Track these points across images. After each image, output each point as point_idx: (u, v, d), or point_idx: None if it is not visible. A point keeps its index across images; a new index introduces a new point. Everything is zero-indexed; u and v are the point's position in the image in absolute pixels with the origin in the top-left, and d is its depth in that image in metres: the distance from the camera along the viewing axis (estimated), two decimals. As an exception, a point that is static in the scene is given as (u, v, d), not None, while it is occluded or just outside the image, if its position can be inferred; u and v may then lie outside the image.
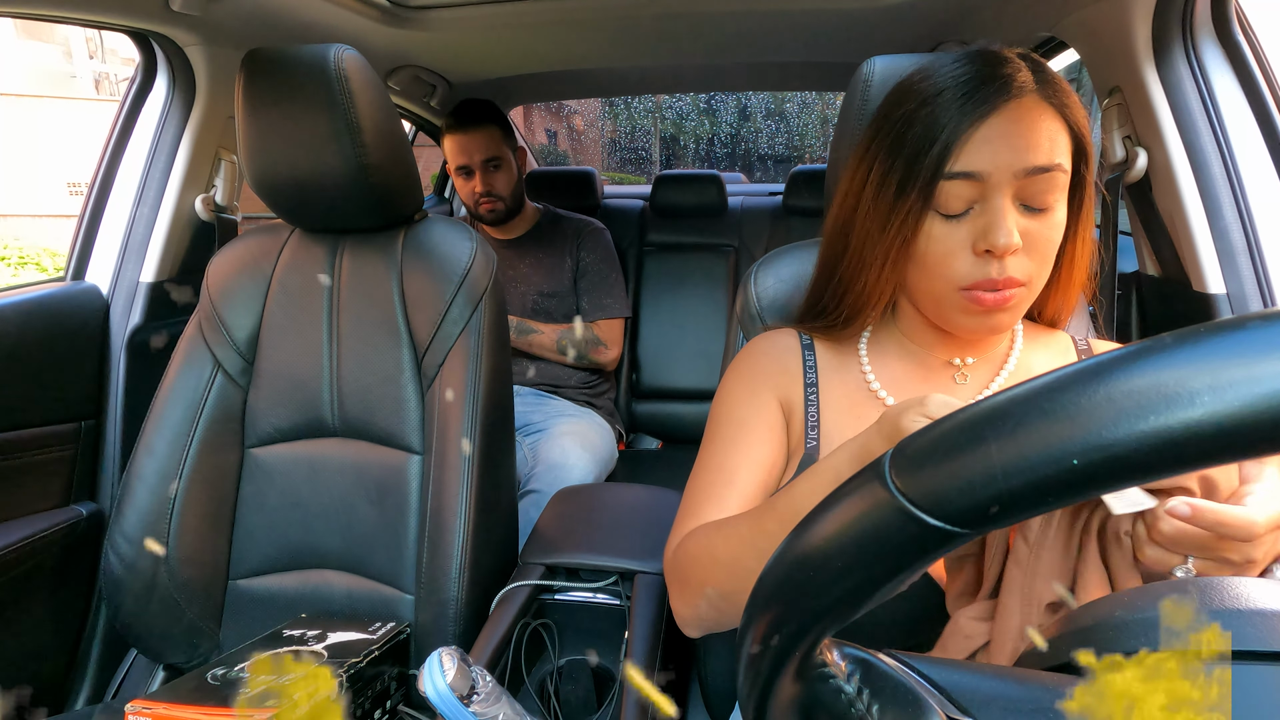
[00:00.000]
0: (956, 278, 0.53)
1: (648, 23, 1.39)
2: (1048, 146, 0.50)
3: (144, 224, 1.19)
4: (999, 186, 0.51)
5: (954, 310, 0.55)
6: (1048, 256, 0.53)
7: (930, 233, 0.53)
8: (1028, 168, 0.50)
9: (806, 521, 0.26)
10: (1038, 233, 0.52)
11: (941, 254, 0.53)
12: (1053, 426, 0.20)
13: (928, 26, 1.35)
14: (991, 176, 0.51)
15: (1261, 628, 0.25)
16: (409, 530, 0.89)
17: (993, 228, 0.51)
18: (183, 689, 0.68)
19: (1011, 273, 0.51)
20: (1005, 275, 0.51)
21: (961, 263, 0.53)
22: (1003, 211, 0.51)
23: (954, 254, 0.53)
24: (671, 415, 1.94)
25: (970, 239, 0.52)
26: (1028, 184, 0.51)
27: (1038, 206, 0.52)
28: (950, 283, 0.53)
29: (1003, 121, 0.50)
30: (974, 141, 0.51)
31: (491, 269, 0.94)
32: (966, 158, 0.51)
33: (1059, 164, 0.51)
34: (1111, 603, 0.29)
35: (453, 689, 0.56)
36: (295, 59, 0.83)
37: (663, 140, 11.43)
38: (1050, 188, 0.51)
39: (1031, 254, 0.52)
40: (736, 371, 0.66)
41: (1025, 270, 0.52)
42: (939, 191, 0.52)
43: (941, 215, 0.53)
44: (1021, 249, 0.52)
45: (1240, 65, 0.88)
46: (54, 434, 1.08)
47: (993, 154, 0.50)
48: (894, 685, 0.26)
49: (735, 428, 0.62)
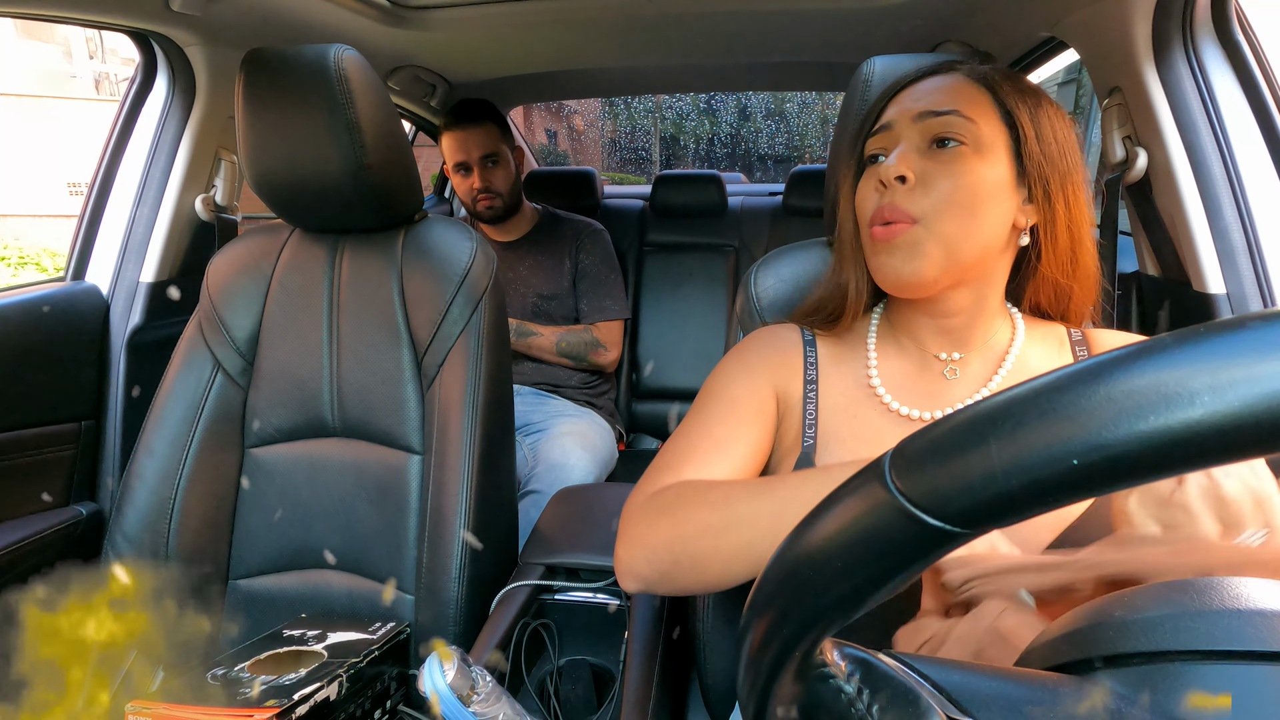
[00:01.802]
0: (865, 217, 0.59)
1: (648, 23, 1.39)
2: (950, 98, 0.56)
3: (144, 224, 1.19)
4: (902, 132, 0.57)
5: (869, 254, 0.59)
6: (949, 197, 0.54)
7: (859, 189, 0.60)
8: (923, 110, 0.56)
9: (807, 521, 0.26)
10: (936, 171, 0.55)
11: (861, 200, 0.60)
12: (1052, 427, 0.20)
13: (928, 26, 1.35)
14: (896, 124, 0.58)
15: (1261, 628, 0.25)
16: (409, 530, 0.89)
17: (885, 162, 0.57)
18: (183, 689, 0.68)
19: (897, 201, 0.55)
20: (892, 203, 0.55)
21: (870, 202, 0.58)
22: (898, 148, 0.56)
23: (867, 197, 0.58)
24: (671, 415, 1.94)
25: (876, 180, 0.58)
26: (927, 127, 0.56)
27: (942, 139, 0.55)
28: (865, 227, 0.59)
29: (919, 85, 0.59)
30: (893, 101, 0.59)
31: (491, 269, 0.94)
32: (885, 115, 0.59)
33: (958, 109, 0.55)
34: (1111, 603, 0.29)
35: (453, 689, 0.56)
36: (295, 59, 0.83)
37: (663, 140, 11.43)
38: (950, 126, 0.55)
39: (928, 190, 0.55)
40: (735, 354, 0.66)
41: (918, 206, 0.55)
42: (866, 147, 0.60)
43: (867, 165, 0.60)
44: (919, 186, 0.55)
45: (1240, 65, 0.88)
46: (54, 434, 1.08)
47: (899, 108, 0.58)
48: (894, 685, 0.26)
49: (727, 404, 0.61)
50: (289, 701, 0.64)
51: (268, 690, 0.67)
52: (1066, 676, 0.27)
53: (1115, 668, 0.26)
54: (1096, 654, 0.27)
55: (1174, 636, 0.26)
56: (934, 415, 0.59)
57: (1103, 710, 0.25)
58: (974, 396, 0.59)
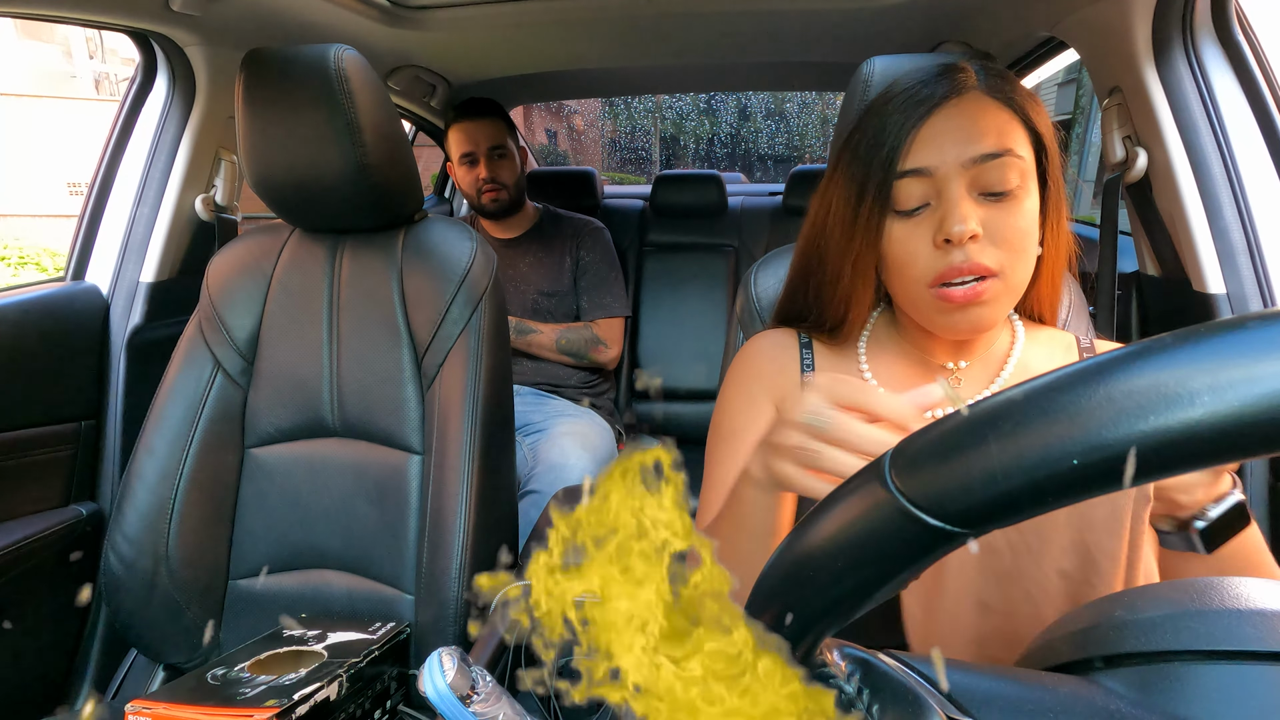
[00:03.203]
0: (923, 275, 0.53)
1: (648, 23, 1.39)
2: (995, 134, 0.52)
3: (144, 224, 1.19)
4: (949, 179, 0.52)
5: (930, 311, 0.55)
6: (1018, 245, 0.52)
7: (892, 235, 0.55)
8: (975, 156, 0.51)
9: (807, 521, 0.26)
10: (1002, 220, 0.52)
11: (905, 254, 0.54)
12: (1052, 427, 0.19)
13: (928, 26, 1.35)
14: (939, 170, 0.52)
15: (1261, 628, 0.25)
16: (409, 530, 0.89)
17: (947, 217, 0.51)
18: (183, 689, 0.68)
19: (976, 259, 0.51)
20: (969, 260, 0.51)
21: (924, 259, 0.53)
22: (955, 200, 0.51)
23: (916, 253, 0.53)
24: (671, 415, 1.94)
25: (930, 234, 0.53)
26: (980, 172, 0.51)
27: (997, 191, 0.52)
28: (918, 282, 0.54)
29: (945, 117, 0.52)
30: (920, 139, 0.53)
31: (491, 269, 0.94)
32: (914, 156, 0.53)
33: (1010, 149, 0.52)
34: (1111, 603, 0.29)
35: (453, 689, 0.56)
36: (295, 59, 0.83)
37: (663, 140, 11.42)
38: (1006, 173, 0.51)
39: (999, 243, 0.52)
40: (734, 377, 0.66)
41: (995, 259, 0.52)
42: (894, 192, 0.53)
43: (900, 215, 0.54)
44: (986, 238, 0.52)
45: (1240, 65, 0.88)
46: (54, 434, 1.08)
47: (938, 149, 0.52)
48: (894, 685, 0.26)
49: (733, 440, 0.63)
50: (289, 701, 0.64)
51: (268, 690, 0.67)
52: (1066, 676, 0.27)
53: (1115, 668, 0.26)
54: (1096, 654, 0.27)
55: (1174, 636, 0.26)
56: None
57: (1103, 710, 0.25)
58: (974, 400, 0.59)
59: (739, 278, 2.00)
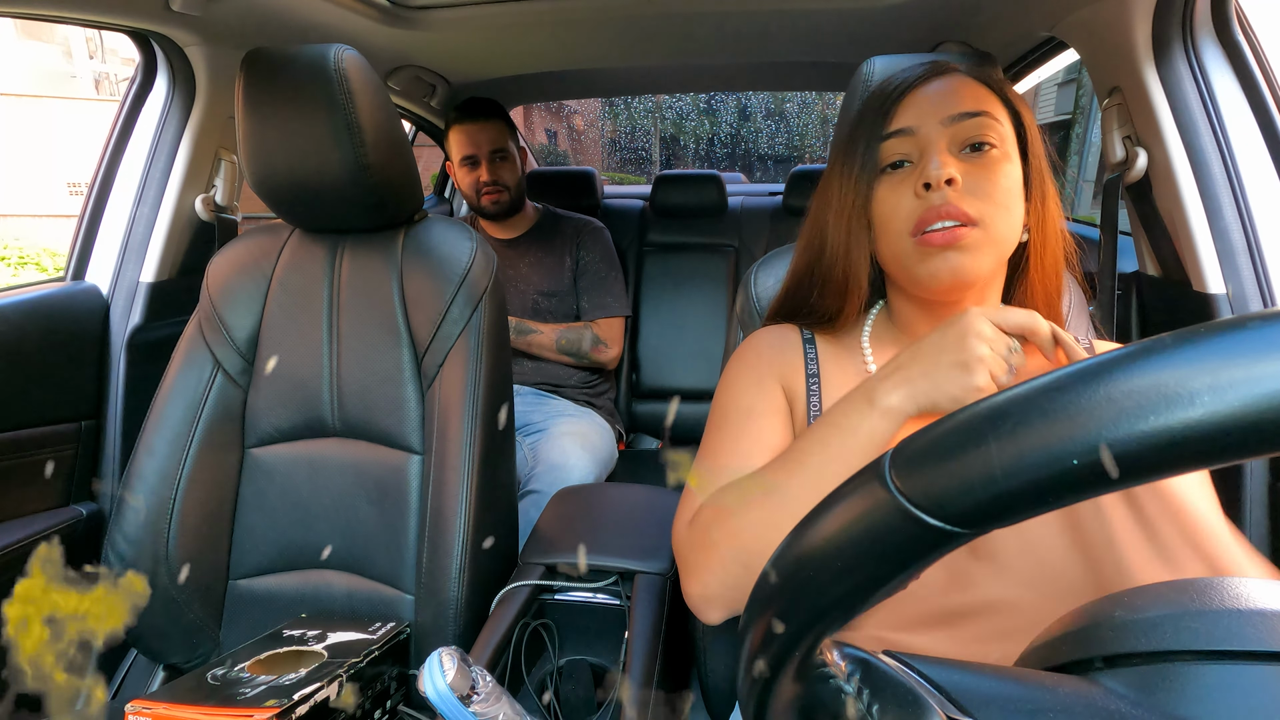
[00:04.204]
0: (904, 225, 0.56)
1: (648, 23, 1.39)
2: (973, 99, 0.56)
3: (144, 224, 1.19)
4: (930, 137, 0.56)
5: (914, 262, 0.56)
6: (999, 200, 0.55)
7: (880, 195, 0.58)
8: (953, 114, 0.55)
9: (807, 521, 0.26)
10: (981, 174, 0.55)
11: (889, 209, 0.57)
12: (1052, 426, 0.19)
13: (928, 26, 1.35)
14: (921, 129, 0.56)
15: (1261, 628, 0.25)
16: (409, 530, 0.89)
17: (926, 165, 0.55)
18: (183, 689, 0.68)
19: (955, 203, 0.54)
20: (947, 204, 0.53)
21: (906, 209, 0.56)
22: (934, 151, 0.55)
23: (899, 205, 0.57)
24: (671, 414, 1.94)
25: (912, 188, 0.56)
26: (959, 130, 0.55)
27: (976, 144, 0.55)
28: (903, 234, 0.56)
29: (930, 87, 0.58)
30: (904, 105, 0.58)
31: (491, 269, 0.94)
32: (899, 118, 0.58)
33: (986, 111, 0.55)
34: (1111, 603, 0.29)
35: (453, 689, 0.56)
36: (295, 59, 0.83)
37: (663, 140, 11.42)
38: (984, 131, 0.55)
39: (979, 195, 0.54)
40: (740, 360, 0.66)
41: (975, 209, 0.54)
42: (880, 152, 0.58)
43: (885, 172, 0.58)
44: (965, 189, 0.54)
45: (1240, 65, 0.88)
46: (54, 434, 1.08)
47: (919, 112, 0.57)
48: (894, 685, 0.26)
49: (744, 415, 0.62)
50: (289, 701, 0.64)
51: (268, 690, 0.67)
52: (1066, 676, 0.27)
53: (1115, 668, 0.26)
54: (1096, 654, 0.27)
55: (1174, 636, 0.26)
56: None
57: (1103, 710, 0.25)
58: None
59: (739, 278, 2.00)
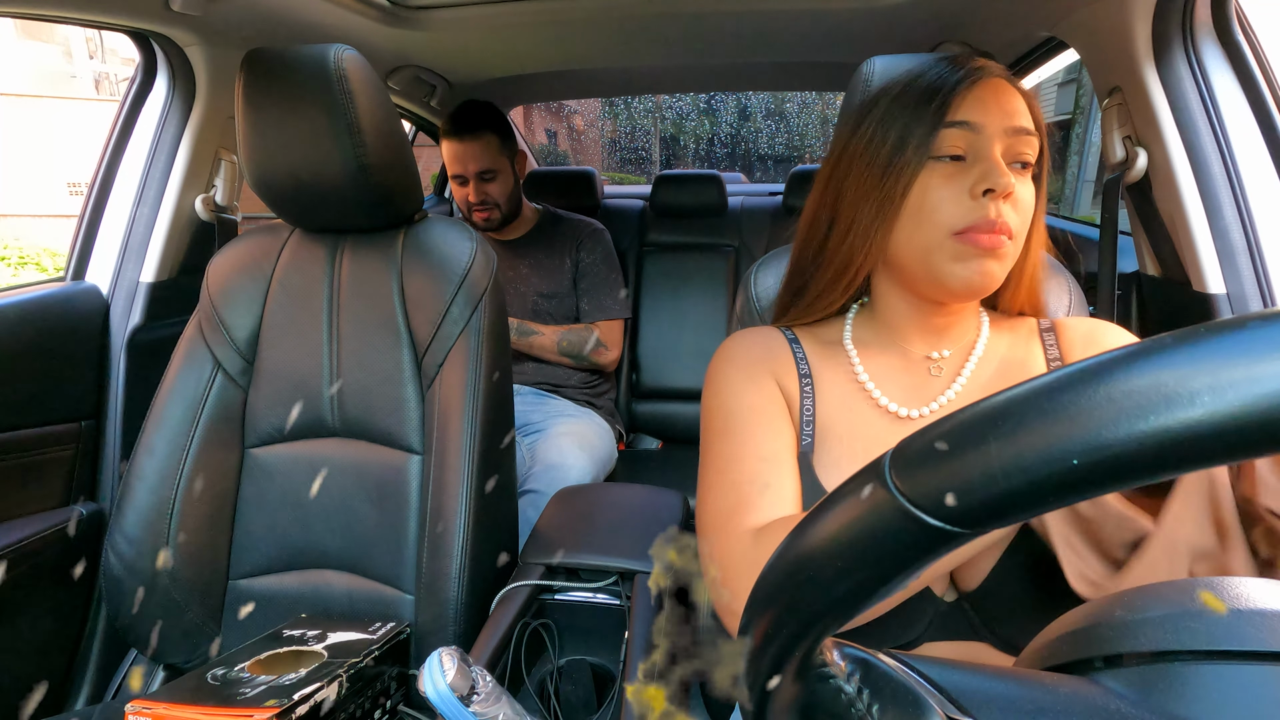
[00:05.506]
0: (951, 222, 0.55)
1: (648, 23, 1.39)
2: (1024, 114, 0.56)
3: (144, 224, 1.19)
4: (992, 139, 0.55)
5: (946, 258, 0.56)
6: (1028, 219, 0.56)
7: (927, 183, 0.56)
8: (1014, 126, 0.55)
9: (807, 521, 0.26)
10: (1020, 193, 0.55)
11: (938, 200, 0.55)
12: (1053, 426, 0.19)
13: (928, 26, 1.35)
14: (986, 128, 0.55)
15: (1261, 628, 0.25)
16: (409, 530, 0.89)
17: (992, 171, 0.54)
18: (183, 689, 0.68)
19: (1005, 217, 0.54)
20: (1001, 218, 0.53)
21: (958, 207, 0.55)
22: (994, 156, 0.54)
23: (951, 199, 0.55)
24: (671, 415, 1.94)
25: (968, 185, 0.55)
26: (1014, 143, 0.55)
27: (1023, 162, 0.56)
28: (944, 229, 0.55)
29: (988, 86, 0.56)
30: (969, 98, 0.55)
31: (491, 269, 0.94)
32: (965, 110, 0.55)
33: (1034, 130, 0.56)
34: (1111, 603, 0.29)
35: (453, 689, 0.56)
36: (295, 59, 0.83)
37: (663, 140, 11.42)
38: (1032, 149, 0.56)
39: (1019, 211, 0.55)
40: (730, 361, 0.64)
41: (1015, 224, 0.55)
42: (938, 139, 0.55)
43: (939, 161, 0.56)
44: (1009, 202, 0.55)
45: (1240, 65, 0.88)
46: (54, 434, 1.08)
47: (984, 110, 0.55)
48: (894, 685, 0.26)
49: (748, 414, 0.60)
50: (289, 701, 0.64)
51: (268, 690, 0.67)
52: (1066, 676, 0.27)
53: (1115, 668, 0.26)
54: (1096, 654, 0.27)
55: (1174, 636, 0.26)
56: (924, 412, 0.60)
57: (1103, 710, 0.25)
58: (953, 387, 0.60)
59: (739, 278, 2.00)
